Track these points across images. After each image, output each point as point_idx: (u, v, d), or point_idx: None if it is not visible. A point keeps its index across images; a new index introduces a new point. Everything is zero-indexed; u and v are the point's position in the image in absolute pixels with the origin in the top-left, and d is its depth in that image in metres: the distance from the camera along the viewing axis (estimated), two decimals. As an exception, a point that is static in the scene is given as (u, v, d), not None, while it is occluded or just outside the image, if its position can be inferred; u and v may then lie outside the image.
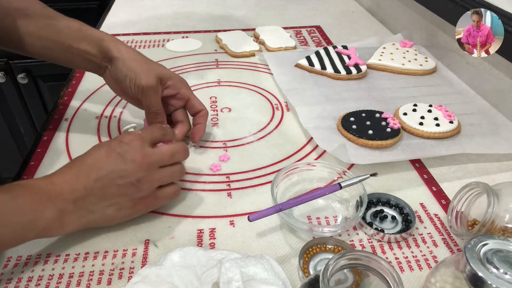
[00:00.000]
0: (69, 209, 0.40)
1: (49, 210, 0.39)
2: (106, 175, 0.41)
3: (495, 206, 0.39)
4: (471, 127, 0.61)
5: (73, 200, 0.40)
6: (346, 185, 0.46)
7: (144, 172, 0.43)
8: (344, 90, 0.72)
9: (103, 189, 0.41)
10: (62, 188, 0.40)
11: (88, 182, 0.41)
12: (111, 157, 0.42)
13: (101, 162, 0.42)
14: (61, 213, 0.39)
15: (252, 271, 0.36)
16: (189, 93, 0.59)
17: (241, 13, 1.10)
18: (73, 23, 0.55)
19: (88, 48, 0.54)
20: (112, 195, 0.42)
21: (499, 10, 0.61)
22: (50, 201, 0.39)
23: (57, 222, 0.39)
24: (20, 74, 1.41)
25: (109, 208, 0.42)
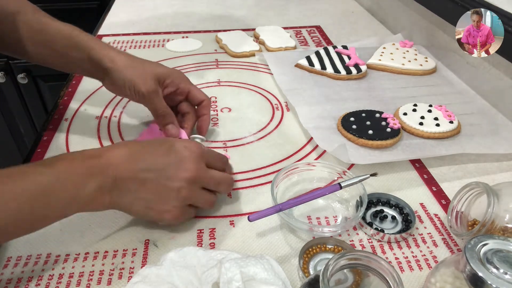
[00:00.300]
0: (107, 186, 0.40)
1: (90, 186, 0.38)
2: (156, 169, 0.41)
3: (495, 206, 0.39)
4: (471, 127, 0.61)
5: (114, 177, 0.40)
6: (346, 185, 0.46)
7: (189, 185, 0.42)
8: (344, 90, 0.72)
9: (146, 180, 0.41)
10: (109, 161, 0.40)
11: (137, 166, 0.41)
12: (169, 156, 0.42)
13: (158, 156, 0.42)
14: (101, 190, 0.39)
15: (252, 271, 0.36)
16: (188, 86, 0.59)
17: (241, 13, 1.10)
18: (64, 28, 0.54)
19: (79, 57, 0.54)
20: (150, 190, 0.41)
21: (499, 10, 0.61)
22: (93, 177, 0.39)
23: (97, 199, 0.39)
24: (20, 74, 1.41)
25: (139, 201, 0.42)
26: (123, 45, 0.91)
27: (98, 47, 0.53)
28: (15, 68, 1.41)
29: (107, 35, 0.95)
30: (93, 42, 0.54)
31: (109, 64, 0.53)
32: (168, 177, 0.42)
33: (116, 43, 0.91)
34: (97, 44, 0.54)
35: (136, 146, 0.43)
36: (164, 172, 0.41)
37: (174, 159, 0.42)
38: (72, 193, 0.38)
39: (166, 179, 0.42)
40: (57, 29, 0.54)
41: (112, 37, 0.94)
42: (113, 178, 0.40)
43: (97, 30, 0.99)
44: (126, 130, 0.63)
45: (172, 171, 0.42)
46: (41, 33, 0.53)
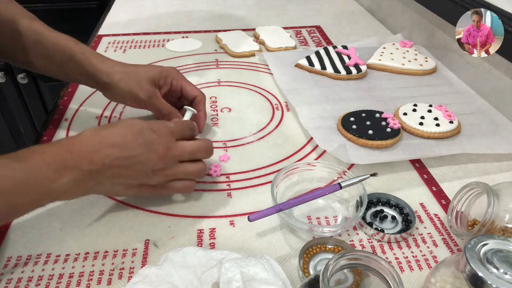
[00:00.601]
0: (83, 179, 0.40)
1: (64, 178, 0.39)
2: (127, 157, 0.42)
3: (495, 206, 0.39)
4: (471, 127, 0.61)
5: (89, 172, 0.40)
6: (346, 185, 0.46)
7: (162, 165, 0.44)
8: (344, 90, 0.72)
9: (120, 168, 0.42)
10: (81, 158, 0.40)
11: (108, 158, 0.41)
12: (137, 141, 0.43)
13: (126, 143, 0.42)
14: (75, 182, 0.39)
15: (252, 271, 0.36)
16: (180, 81, 0.59)
17: (241, 13, 1.10)
18: (60, 40, 0.54)
19: (76, 70, 0.55)
20: (125, 176, 0.43)
21: (499, 10, 0.61)
22: (67, 169, 0.39)
23: (71, 190, 0.40)
24: (20, 74, 1.41)
25: (118, 186, 0.43)
26: (123, 45, 0.91)
27: (93, 62, 0.54)
28: (15, 68, 1.41)
29: (107, 35, 0.95)
30: (88, 56, 0.54)
31: (106, 79, 0.54)
32: (140, 162, 0.42)
33: (116, 43, 0.91)
34: (92, 58, 0.55)
35: (105, 131, 0.43)
36: (135, 158, 0.42)
37: (142, 143, 0.43)
38: (46, 187, 0.38)
39: (139, 164, 0.42)
40: (53, 41, 0.54)
41: (112, 37, 0.94)
42: (88, 171, 0.40)
43: (97, 30, 0.99)
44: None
45: (142, 156, 0.42)
46: (38, 44, 0.54)
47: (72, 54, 0.54)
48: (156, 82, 0.57)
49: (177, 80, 0.59)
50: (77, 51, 0.54)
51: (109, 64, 0.55)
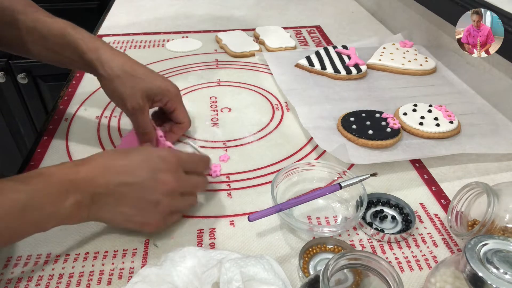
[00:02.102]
0: (85, 202, 0.39)
1: (68, 202, 0.38)
2: (132, 183, 0.41)
3: (495, 206, 0.39)
4: (471, 127, 0.61)
5: (92, 194, 0.39)
6: (346, 185, 0.46)
7: (166, 196, 0.42)
8: (344, 90, 0.72)
9: (123, 195, 0.40)
10: (85, 178, 0.39)
11: (113, 183, 0.40)
12: (144, 169, 0.41)
13: (133, 169, 0.41)
14: (78, 206, 0.39)
15: (252, 271, 0.36)
16: (176, 104, 0.57)
17: (241, 13, 1.10)
18: (57, 26, 0.52)
19: (72, 57, 0.52)
20: (128, 205, 0.41)
21: (499, 10, 0.61)
22: (71, 194, 0.38)
23: (74, 214, 0.39)
24: (20, 74, 1.41)
25: (118, 216, 0.42)
26: (123, 45, 0.91)
27: (90, 48, 0.51)
28: (15, 68, 1.41)
29: (107, 35, 0.95)
30: (85, 42, 0.51)
31: (100, 70, 0.51)
32: (146, 191, 0.41)
33: (116, 43, 0.91)
34: (90, 44, 0.51)
35: (112, 156, 0.42)
36: (141, 186, 0.41)
37: (150, 172, 0.41)
38: (49, 210, 0.37)
39: (144, 193, 0.41)
40: (49, 27, 0.52)
41: (112, 37, 0.94)
42: (91, 193, 0.39)
43: (97, 30, 0.99)
44: (126, 130, 0.63)
45: (149, 185, 0.41)
46: (34, 31, 0.52)
47: (69, 41, 0.51)
48: (151, 97, 0.54)
49: (172, 102, 0.57)
50: (74, 37, 0.51)
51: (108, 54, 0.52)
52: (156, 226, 0.44)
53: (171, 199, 0.43)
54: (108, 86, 0.52)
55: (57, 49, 0.53)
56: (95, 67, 0.51)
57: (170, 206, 0.43)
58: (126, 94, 0.52)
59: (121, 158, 0.42)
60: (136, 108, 0.52)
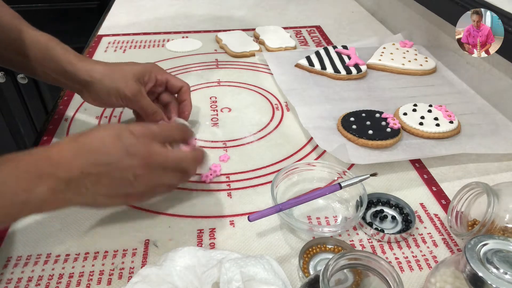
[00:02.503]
0: (60, 188, 0.37)
1: (41, 188, 0.36)
2: (105, 163, 0.39)
3: (495, 206, 0.39)
4: (471, 127, 0.61)
5: (66, 180, 0.37)
6: (346, 185, 0.46)
7: (144, 171, 0.40)
8: (344, 90, 0.72)
9: (99, 176, 0.38)
10: (58, 164, 0.37)
11: (86, 165, 0.38)
12: (116, 146, 0.39)
13: (104, 148, 0.39)
14: (53, 192, 0.37)
15: (252, 271, 0.36)
16: (165, 76, 0.59)
17: (241, 13, 1.10)
18: (41, 39, 0.53)
19: (55, 69, 0.53)
20: (105, 185, 0.39)
21: (499, 10, 0.61)
22: (43, 178, 0.36)
23: (48, 201, 0.37)
24: (20, 74, 1.41)
25: (101, 197, 0.40)
26: (123, 45, 0.91)
27: (73, 61, 0.53)
28: (15, 68, 1.41)
29: (107, 35, 0.95)
30: (68, 56, 0.53)
31: (87, 77, 0.52)
32: (120, 169, 0.39)
33: (116, 43, 0.91)
34: (72, 58, 0.53)
35: (83, 137, 0.40)
36: (115, 164, 0.39)
37: (121, 148, 0.39)
38: (22, 197, 0.35)
39: (120, 170, 0.39)
40: (33, 39, 0.53)
41: (112, 37, 0.94)
42: (65, 179, 0.37)
43: (97, 30, 0.99)
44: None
45: (122, 162, 0.39)
46: (17, 41, 0.52)
47: (53, 54, 0.52)
48: (141, 79, 0.55)
49: (161, 74, 0.58)
50: (58, 51, 0.53)
51: (90, 63, 0.54)
52: (140, 199, 0.45)
53: (149, 172, 0.41)
54: (100, 88, 0.53)
55: (40, 61, 0.53)
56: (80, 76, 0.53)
57: (152, 181, 0.42)
58: (120, 85, 0.53)
59: (91, 138, 0.40)
60: (135, 93, 0.54)
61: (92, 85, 0.53)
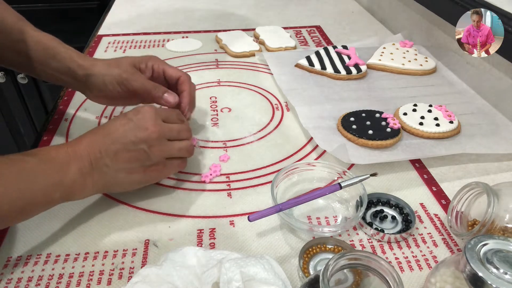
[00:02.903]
0: (87, 170, 0.43)
1: (72, 170, 0.41)
2: (120, 139, 0.44)
3: (495, 206, 0.39)
4: (471, 127, 0.61)
5: (89, 162, 0.43)
6: (346, 185, 0.46)
7: (155, 141, 0.46)
8: (344, 90, 0.72)
9: (117, 152, 0.44)
10: (81, 151, 0.43)
11: (103, 145, 0.44)
12: (126, 124, 0.45)
13: (117, 129, 0.45)
14: (81, 174, 0.42)
15: (252, 271, 0.36)
16: (162, 65, 0.59)
17: (241, 13, 1.10)
18: (44, 39, 0.55)
19: (58, 67, 0.55)
20: (124, 160, 0.44)
21: (499, 10, 0.61)
22: (72, 162, 0.42)
23: (79, 182, 0.42)
24: (20, 74, 1.41)
25: (121, 172, 0.45)
26: (123, 45, 0.91)
27: (75, 58, 0.55)
28: (15, 68, 1.41)
29: (107, 35, 0.95)
30: (71, 54, 0.55)
31: (87, 71, 0.55)
32: (134, 142, 0.45)
33: (116, 43, 0.91)
34: (75, 55, 0.55)
35: (96, 129, 0.46)
36: (127, 139, 0.45)
37: (131, 125, 0.45)
38: (56, 178, 0.40)
39: (132, 144, 0.45)
40: (36, 39, 0.54)
41: (112, 37, 0.94)
42: (89, 161, 0.43)
43: (97, 30, 0.99)
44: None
45: (134, 136, 0.45)
46: (21, 42, 0.54)
47: (56, 52, 0.55)
48: (137, 66, 0.57)
49: (158, 64, 0.59)
50: (60, 49, 0.55)
51: (91, 60, 0.56)
52: (160, 172, 0.48)
53: (160, 143, 0.46)
54: (98, 80, 0.55)
55: (43, 60, 0.55)
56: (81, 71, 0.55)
57: (163, 150, 0.47)
58: (115, 71, 0.55)
59: (105, 127, 0.46)
60: (132, 73, 0.56)
61: (91, 78, 0.55)
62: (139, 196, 0.51)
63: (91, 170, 0.43)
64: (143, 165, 0.46)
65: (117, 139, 0.44)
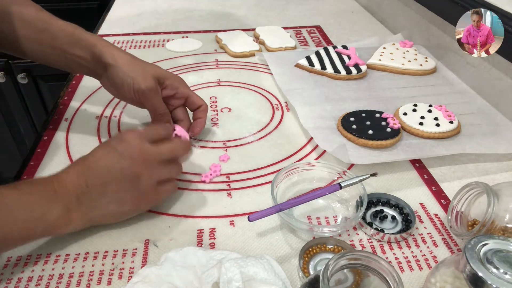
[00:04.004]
0: (73, 205, 0.41)
1: (56, 206, 0.40)
2: (106, 171, 0.42)
3: (495, 206, 0.39)
4: (471, 127, 0.61)
5: (76, 196, 0.41)
6: (346, 185, 0.46)
7: (143, 168, 0.43)
8: (344, 90, 0.72)
9: (104, 185, 0.42)
10: (66, 185, 0.41)
11: (89, 178, 0.42)
12: (110, 154, 0.43)
13: (101, 160, 0.43)
14: (67, 209, 0.40)
15: (252, 271, 0.36)
16: (187, 91, 0.59)
17: (241, 13, 1.10)
18: (67, 27, 0.55)
19: (81, 54, 0.54)
20: (113, 191, 0.43)
21: (499, 10, 0.61)
22: (57, 197, 0.40)
23: (64, 218, 0.40)
24: (20, 74, 1.41)
25: (110, 204, 0.43)
26: (123, 45, 0.90)
27: (101, 44, 0.54)
28: (15, 68, 1.41)
29: (107, 35, 0.95)
30: (97, 39, 0.54)
31: (110, 60, 0.53)
32: (121, 171, 0.43)
33: (116, 43, 0.91)
34: (101, 41, 0.54)
35: (81, 160, 0.44)
36: (114, 169, 0.42)
37: (115, 154, 0.43)
38: (38, 213, 0.39)
39: (120, 174, 0.42)
40: (60, 28, 0.54)
41: (112, 37, 0.94)
42: (76, 197, 0.41)
43: (97, 30, 0.99)
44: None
45: (120, 165, 0.43)
46: (44, 32, 0.54)
47: (80, 39, 0.54)
48: (160, 81, 0.56)
49: (183, 89, 0.58)
50: (85, 36, 0.54)
51: (118, 50, 0.55)
52: (151, 200, 0.46)
53: (149, 169, 0.44)
54: (117, 73, 0.53)
55: (66, 47, 0.54)
56: (104, 58, 0.53)
57: (153, 176, 0.44)
58: (138, 77, 0.53)
59: (90, 158, 0.44)
60: (150, 88, 0.54)
61: (112, 69, 0.53)
62: (139, 196, 0.51)
63: (78, 205, 0.41)
64: (133, 194, 0.44)
65: (102, 171, 0.42)
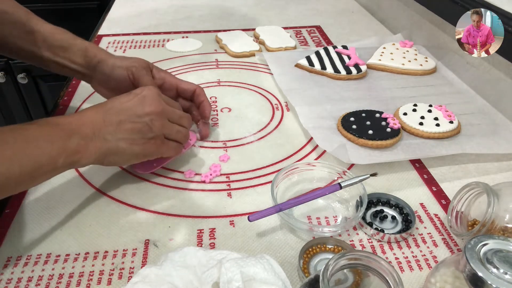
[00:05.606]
0: (89, 137, 0.44)
1: (74, 137, 0.42)
2: (125, 111, 0.46)
3: (495, 206, 0.39)
4: (471, 127, 0.61)
5: (92, 129, 0.44)
6: (346, 185, 0.46)
7: (157, 117, 0.48)
8: (344, 90, 0.72)
9: (120, 123, 0.46)
10: (84, 120, 0.44)
11: (108, 115, 0.46)
12: (132, 100, 0.48)
13: (122, 102, 0.47)
14: (84, 140, 0.43)
15: (252, 271, 0.36)
16: (175, 79, 0.60)
17: (241, 13, 1.10)
18: (57, 32, 0.57)
19: (73, 57, 0.57)
20: (126, 130, 0.46)
21: (499, 10, 0.61)
22: (74, 130, 0.43)
23: (82, 148, 0.43)
24: (20, 74, 1.41)
25: (122, 141, 0.46)
26: (123, 45, 0.91)
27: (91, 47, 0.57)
28: (15, 68, 1.41)
29: (107, 35, 0.95)
30: (87, 44, 0.58)
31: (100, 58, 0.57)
32: (138, 115, 0.47)
33: (116, 43, 0.91)
34: (91, 45, 0.58)
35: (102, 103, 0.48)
36: (132, 111, 0.47)
37: (137, 100, 0.48)
38: (59, 143, 0.41)
39: (136, 117, 0.47)
40: (50, 31, 0.56)
41: (112, 37, 0.94)
42: (91, 129, 0.44)
43: (97, 30, 0.99)
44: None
45: (139, 109, 0.47)
46: (34, 34, 0.55)
47: (71, 44, 0.57)
48: (151, 68, 0.59)
49: (170, 78, 0.60)
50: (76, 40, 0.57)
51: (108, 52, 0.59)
52: (157, 146, 0.49)
53: (161, 120, 0.48)
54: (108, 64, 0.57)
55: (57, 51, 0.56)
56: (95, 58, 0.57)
57: (163, 128, 0.49)
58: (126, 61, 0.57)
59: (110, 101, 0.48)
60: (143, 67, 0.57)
61: (102, 64, 0.57)
62: (139, 196, 0.51)
63: (93, 137, 0.44)
64: (144, 137, 0.47)
65: (121, 110, 0.46)
